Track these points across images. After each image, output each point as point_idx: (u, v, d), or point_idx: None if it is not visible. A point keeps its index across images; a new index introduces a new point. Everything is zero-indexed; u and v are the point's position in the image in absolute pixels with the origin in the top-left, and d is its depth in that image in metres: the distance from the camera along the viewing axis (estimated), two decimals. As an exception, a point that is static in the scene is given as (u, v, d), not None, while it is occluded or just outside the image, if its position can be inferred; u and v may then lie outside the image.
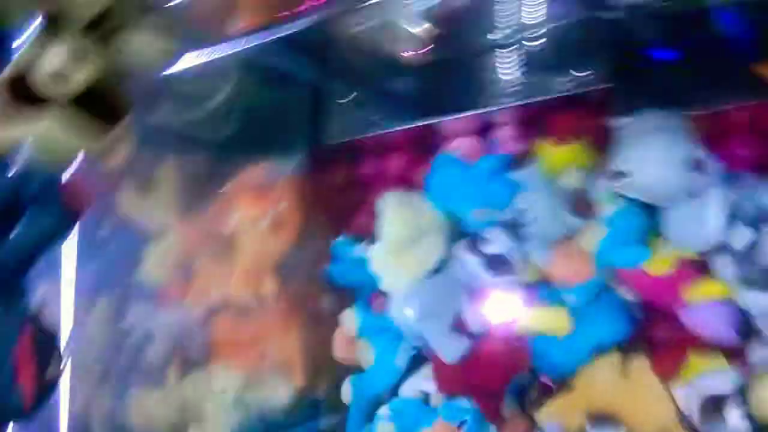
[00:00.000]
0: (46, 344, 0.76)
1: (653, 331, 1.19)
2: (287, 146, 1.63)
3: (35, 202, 0.78)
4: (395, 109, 1.67)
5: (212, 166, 1.70)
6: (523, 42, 1.27)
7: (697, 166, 1.02)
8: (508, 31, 1.27)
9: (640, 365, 1.14)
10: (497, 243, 1.14)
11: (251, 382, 1.55)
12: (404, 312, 1.24)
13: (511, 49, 1.29)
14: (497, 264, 1.15)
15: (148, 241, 1.82)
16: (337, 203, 1.69)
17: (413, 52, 1.43)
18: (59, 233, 0.82)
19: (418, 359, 1.42)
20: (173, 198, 1.79)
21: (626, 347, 1.20)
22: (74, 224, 0.87)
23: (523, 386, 1.29)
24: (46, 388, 0.74)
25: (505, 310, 1.20)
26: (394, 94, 1.66)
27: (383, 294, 1.43)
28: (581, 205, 1.09)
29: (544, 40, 1.25)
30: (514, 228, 1.18)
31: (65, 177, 0.83)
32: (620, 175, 1.02)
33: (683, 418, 1.03)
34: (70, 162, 0.66)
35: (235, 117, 1.61)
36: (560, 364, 1.23)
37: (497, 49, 1.32)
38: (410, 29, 1.40)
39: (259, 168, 1.68)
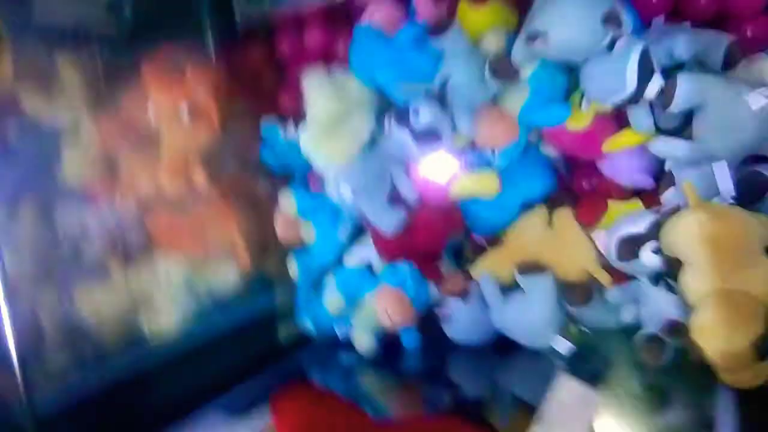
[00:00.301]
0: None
1: (576, 184, 1.27)
2: (195, 27, 1.53)
3: None
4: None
5: (118, 56, 1.58)
6: None
7: (612, 19, 1.03)
8: None
9: (565, 216, 1.23)
10: (425, 114, 1.14)
11: (197, 268, 1.58)
12: (340, 190, 1.26)
13: None
14: (426, 135, 1.17)
15: (62, 140, 1.74)
16: (259, 85, 1.63)
17: None
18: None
19: (358, 231, 1.47)
20: (80, 93, 1.68)
21: (552, 201, 1.28)
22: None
23: (457, 246, 1.38)
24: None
25: (437, 178, 1.24)
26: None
27: (317, 174, 1.45)
28: (503, 69, 1.10)
29: None
30: (440, 97, 1.18)
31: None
32: (537, 34, 1.02)
33: (602, 259, 1.14)
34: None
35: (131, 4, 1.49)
36: (492, 223, 1.31)
37: None
38: None
39: (168, 54, 1.58)
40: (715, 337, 0.95)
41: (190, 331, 1.50)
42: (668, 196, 1.08)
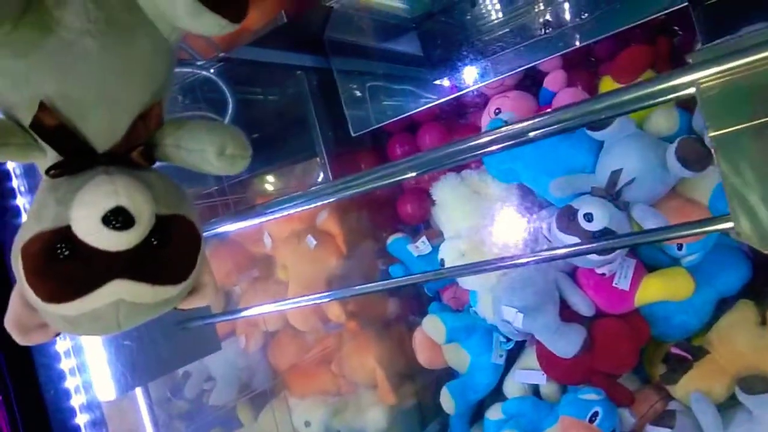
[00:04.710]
0: None
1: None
2: (308, 149, 1.45)
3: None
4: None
5: (231, 185, 1.51)
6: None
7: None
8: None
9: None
10: (601, 218, 0.97)
11: (337, 409, 1.42)
12: (503, 314, 1.09)
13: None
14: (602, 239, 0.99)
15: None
16: (377, 197, 1.52)
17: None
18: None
19: (512, 351, 1.29)
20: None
21: (755, 294, 1.08)
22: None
23: (644, 358, 1.17)
24: None
25: (619, 284, 1.05)
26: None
27: (459, 289, 1.29)
28: (695, 155, 0.92)
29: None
30: (610, 193, 1.01)
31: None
32: None
33: None
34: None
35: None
36: (686, 327, 1.10)
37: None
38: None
39: (281, 177, 1.51)
40: None
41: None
42: None
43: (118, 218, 0.41)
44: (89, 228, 0.42)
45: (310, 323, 1.37)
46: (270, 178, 1.58)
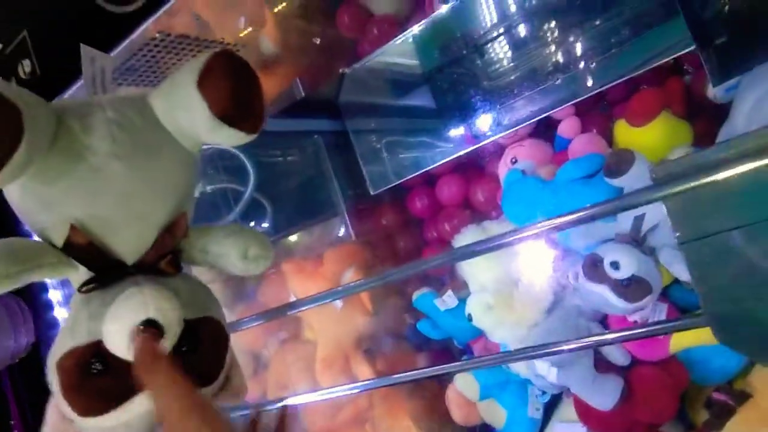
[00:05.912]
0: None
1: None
2: (329, 208, 1.46)
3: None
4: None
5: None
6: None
7: None
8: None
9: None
10: (628, 266, 0.96)
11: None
12: (538, 369, 1.07)
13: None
14: (631, 287, 0.97)
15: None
16: (399, 250, 1.52)
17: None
18: None
19: (549, 403, 1.27)
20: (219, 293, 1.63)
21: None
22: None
23: (686, 404, 1.14)
24: None
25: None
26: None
27: (489, 342, 1.28)
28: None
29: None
30: (636, 240, 1.00)
31: None
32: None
33: None
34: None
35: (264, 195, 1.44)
36: (725, 371, 1.07)
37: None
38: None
39: (304, 238, 1.52)
40: None
41: None
42: None
43: (148, 331, 0.42)
44: (120, 342, 0.43)
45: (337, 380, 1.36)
46: (293, 238, 1.60)
